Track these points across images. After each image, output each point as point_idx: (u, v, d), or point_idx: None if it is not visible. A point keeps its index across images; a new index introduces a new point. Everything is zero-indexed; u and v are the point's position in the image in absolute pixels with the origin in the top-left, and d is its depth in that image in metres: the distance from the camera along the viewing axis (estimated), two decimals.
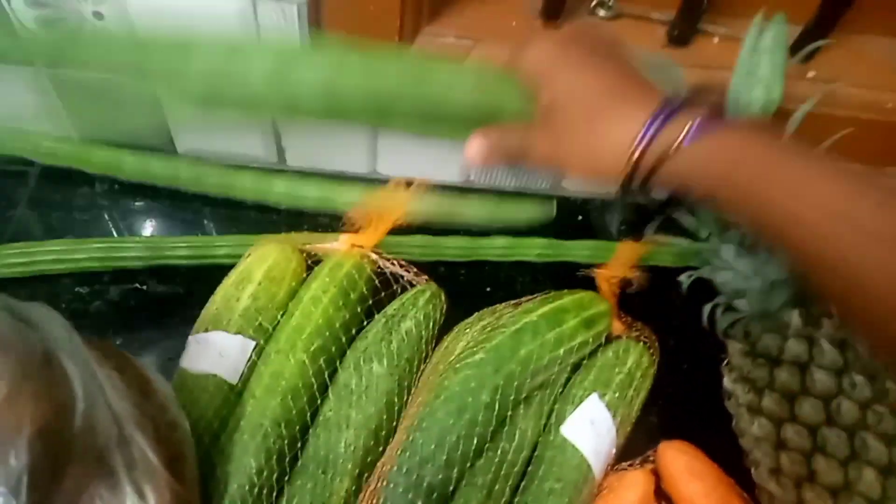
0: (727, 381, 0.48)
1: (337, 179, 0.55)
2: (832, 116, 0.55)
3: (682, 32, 0.54)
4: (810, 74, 0.55)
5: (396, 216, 0.50)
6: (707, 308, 0.51)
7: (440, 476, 0.39)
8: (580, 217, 0.61)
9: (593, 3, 0.55)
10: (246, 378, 0.43)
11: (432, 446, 0.39)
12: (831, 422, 0.41)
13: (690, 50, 0.55)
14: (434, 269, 0.53)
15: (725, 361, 0.50)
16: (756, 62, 0.46)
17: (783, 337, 0.45)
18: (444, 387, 0.42)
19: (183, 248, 0.51)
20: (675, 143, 0.34)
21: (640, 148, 0.34)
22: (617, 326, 0.51)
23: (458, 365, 0.43)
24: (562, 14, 0.54)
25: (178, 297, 0.52)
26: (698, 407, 0.52)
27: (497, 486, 0.41)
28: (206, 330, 0.45)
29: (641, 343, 0.51)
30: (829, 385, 0.42)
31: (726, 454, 0.47)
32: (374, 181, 0.56)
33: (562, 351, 0.45)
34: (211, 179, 0.53)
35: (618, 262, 0.50)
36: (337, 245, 0.51)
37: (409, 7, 0.49)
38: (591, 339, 0.47)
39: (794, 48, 0.55)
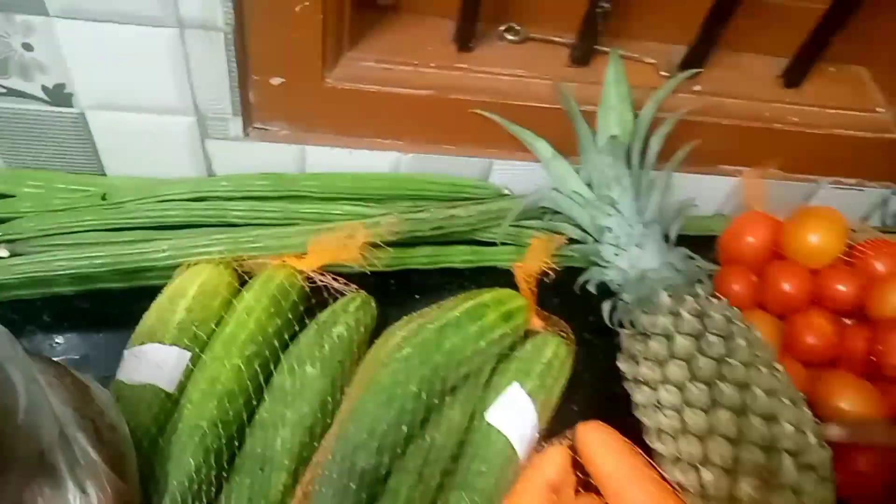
0: (620, 363, 0.53)
1: None
2: (718, 125, 0.61)
3: (583, 53, 0.60)
4: (696, 88, 0.62)
5: (341, 253, 0.52)
6: (606, 305, 0.56)
7: (372, 462, 0.41)
8: None
9: (502, 29, 0.60)
10: (182, 386, 0.45)
11: (364, 435, 0.42)
12: (694, 378, 0.46)
13: (591, 69, 0.61)
14: (365, 280, 0.56)
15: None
16: (608, 93, 0.52)
17: (655, 315, 0.50)
18: (375, 380, 0.45)
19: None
20: None
21: None
22: (537, 322, 0.56)
23: (386, 360, 0.46)
24: (473, 39, 0.58)
25: (112, 316, 0.53)
26: (614, 394, 0.56)
27: (427, 471, 0.44)
28: (142, 343, 0.46)
29: (559, 336, 0.55)
30: (690, 348, 0.47)
31: (639, 434, 0.51)
32: None
33: (483, 343, 0.48)
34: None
35: (532, 256, 0.54)
36: (270, 261, 0.53)
37: (330, 34, 0.53)
38: (510, 332, 0.50)
39: (684, 65, 0.61)
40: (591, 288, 0.56)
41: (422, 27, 0.59)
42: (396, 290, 0.59)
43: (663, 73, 0.61)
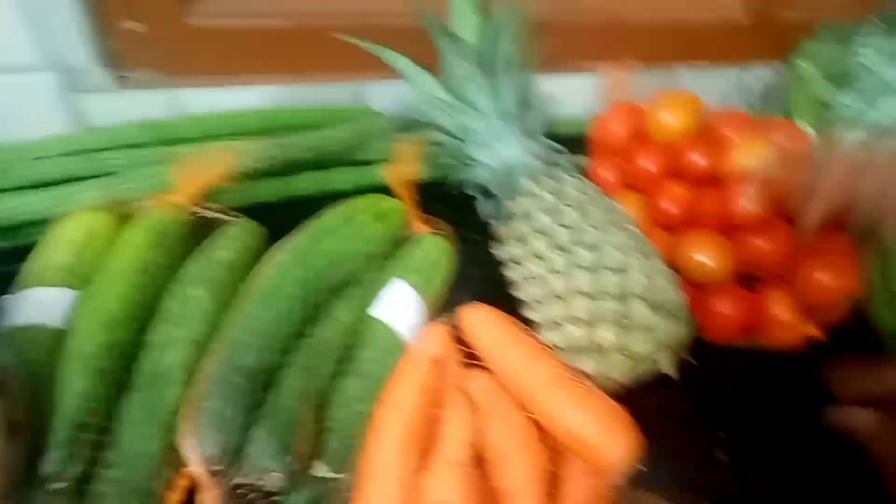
0: (494, 249, 0.57)
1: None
2: (574, 23, 0.65)
3: None
4: None
5: (211, 178, 0.54)
6: (481, 201, 0.59)
7: (254, 358, 0.44)
8: None
9: None
10: (71, 321, 0.47)
11: (246, 335, 0.45)
12: (553, 247, 0.51)
13: None
14: (252, 212, 0.58)
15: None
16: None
17: (517, 199, 0.54)
18: (255, 286, 0.47)
19: None
20: None
21: None
22: (420, 227, 0.59)
23: (266, 268, 0.48)
24: None
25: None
26: (500, 282, 0.60)
27: (316, 364, 0.47)
28: (25, 289, 0.48)
29: (439, 235, 0.58)
30: (548, 221, 0.52)
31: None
32: None
33: (358, 243, 0.51)
34: None
35: (401, 162, 0.57)
36: (152, 202, 0.55)
37: None
38: (384, 231, 0.54)
39: None
40: (469, 189, 0.60)
41: None
42: (283, 219, 0.61)
43: None
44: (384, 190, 0.62)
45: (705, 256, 0.57)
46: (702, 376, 0.56)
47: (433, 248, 0.56)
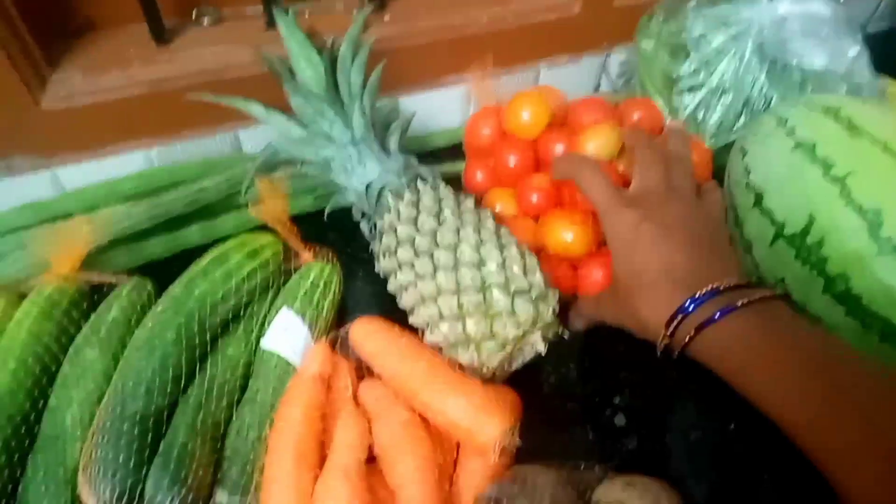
0: (377, 268, 0.60)
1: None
2: (418, 46, 0.69)
3: (272, 17, 0.66)
4: (386, 18, 0.69)
5: (82, 242, 0.57)
6: (362, 224, 0.63)
7: (142, 404, 0.47)
8: None
9: (194, 15, 0.66)
10: None
11: (131, 383, 0.48)
12: (416, 254, 0.55)
13: None
14: (148, 271, 0.61)
15: None
16: (289, 45, 0.60)
17: (383, 216, 0.59)
18: (137, 338, 0.51)
19: None
20: (691, 332, 0.42)
21: (670, 330, 0.44)
22: (305, 256, 0.62)
23: (146, 320, 0.52)
24: (166, 33, 0.64)
25: None
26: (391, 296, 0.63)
27: (208, 400, 0.50)
28: None
29: (323, 262, 0.61)
30: (409, 231, 0.56)
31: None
32: None
33: (233, 283, 0.55)
34: None
35: (267, 198, 0.60)
36: (41, 280, 0.58)
37: (22, 64, 0.57)
38: (259, 267, 0.57)
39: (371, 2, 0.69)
40: (355, 215, 0.64)
41: (120, 35, 0.64)
42: (178, 271, 0.64)
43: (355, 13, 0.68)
44: (268, 228, 0.65)
45: (565, 233, 0.60)
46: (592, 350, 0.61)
47: (319, 274, 0.60)
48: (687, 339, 0.43)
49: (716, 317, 0.42)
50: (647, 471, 0.47)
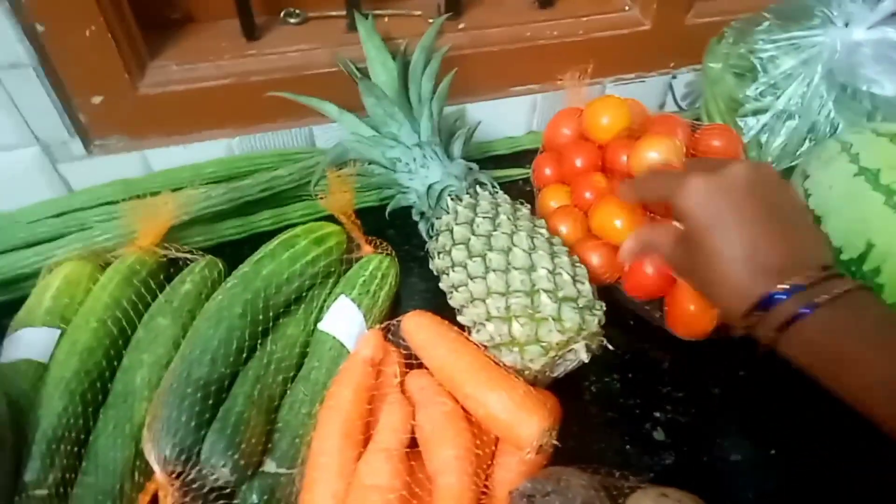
0: (431, 266, 0.62)
1: None
2: (489, 53, 0.72)
3: (355, 20, 0.70)
4: (461, 26, 0.72)
5: (167, 218, 0.62)
6: (420, 224, 0.65)
7: (206, 371, 0.50)
8: None
9: (283, 14, 0.70)
10: (53, 354, 0.54)
11: (197, 352, 0.51)
12: (470, 255, 0.57)
13: None
14: (221, 251, 0.65)
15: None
16: (367, 49, 0.63)
17: (441, 217, 0.61)
18: (206, 310, 0.54)
19: None
20: (775, 328, 0.41)
21: (751, 318, 0.42)
22: (367, 248, 0.65)
23: (216, 294, 0.55)
24: (256, 30, 0.69)
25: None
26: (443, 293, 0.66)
27: (266, 374, 0.53)
28: (16, 330, 0.56)
29: (383, 254, 0.64)
30: (465, 232, 0.58)
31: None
32: None
33: (298, 266, 0.58)
34: None
35: (334, 191, 0.63)
36: (125, 250, 0.62)
37: (127, 50, 0.63)
38: (323, 253, 0.60)
39: (447, 11, 0.72)
40: (414, 215, 0.66)
41: (214, 29, 0.69)
42: (248, 253, 0.68)
43: (430, 21, 0.71)
44: (333, 219, 0.69)
45: (618, 220, 0.62)
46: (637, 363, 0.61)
47: (377, 266, 0.63)
48: (772, 335, 0.41)
49: (801, 313, 0.39)
50: (683, 487, 0.47)
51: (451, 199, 0.61)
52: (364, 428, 0.52)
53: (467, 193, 0.61)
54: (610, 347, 0.56)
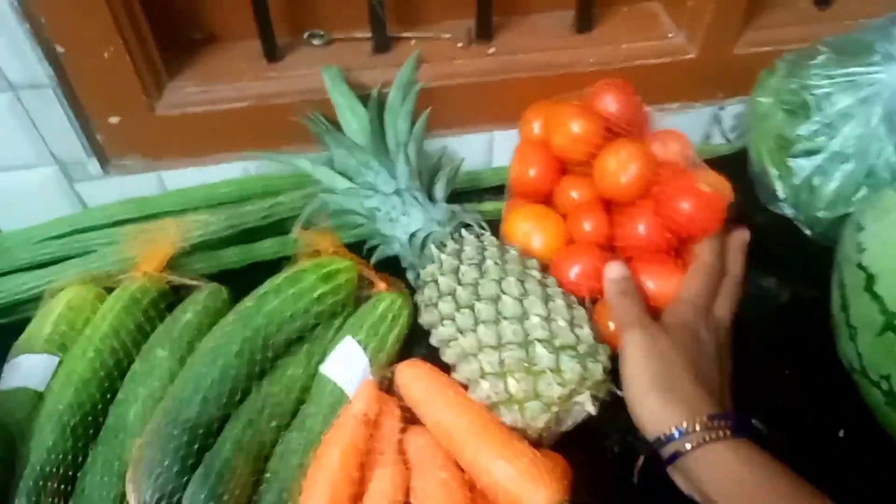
0: (419, 320, 0.59)
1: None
2: (520, 79, 0.68)
3: (381, 43, 0.67)
4: (490, 51, 0.69)
5: (168, 244, 0.60)
6: (409, 272, 0.62)
7: (197, 412, 0.48)
8: None
9: (307, 36, 0.68)
10: (49, 383, 0.53)
11: (189, 391, 0.49)
12: (458, 307, 0.53)
13: (394, 54, 0.68)
14: (229, 278, 0.63)
15: None
16: (334, 97, 0.62)
17: (426, 266, 0.58)
18: (202, 346, 0.52)
19: None
20: (681, 448, 0.44)
21: (662, 443, 0.46)
22: (381, 286, 0.62)
23: (214, 329, 0.53)
24: (279, 51, 0.67)
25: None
26: None
27: (259, 418, 0.51)
28: (16, 356, 0.54)
29: (396, 293, 0.61)
30: (451, 283, 0.54)
31: None
32: None
33: (303, 304, 0.55)
34: None
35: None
36: (129, 276, 0.61)
37: (145, 71, 0.61)
38: (332, 290, 0.57)
39: (478, 35, 0.69)
40: (403, 264, 0.63)
41: (235, 50, 0.68)
42: (252, 282, 0.65)
43: (459, 45, 0.68)
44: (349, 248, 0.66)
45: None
46: None
47: (389, 306, 0.59)
48: (665, 461, 0.46)
49: (686, 448, 0.44)
50: None
51: (436, 248, 0.58)
52: (354, 491, 0.48)
53: (452, 239, 0.58)
54: (619, 393, 0.51)
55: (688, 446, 0.44)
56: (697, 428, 0.44)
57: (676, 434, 0.44)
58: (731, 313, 0.55)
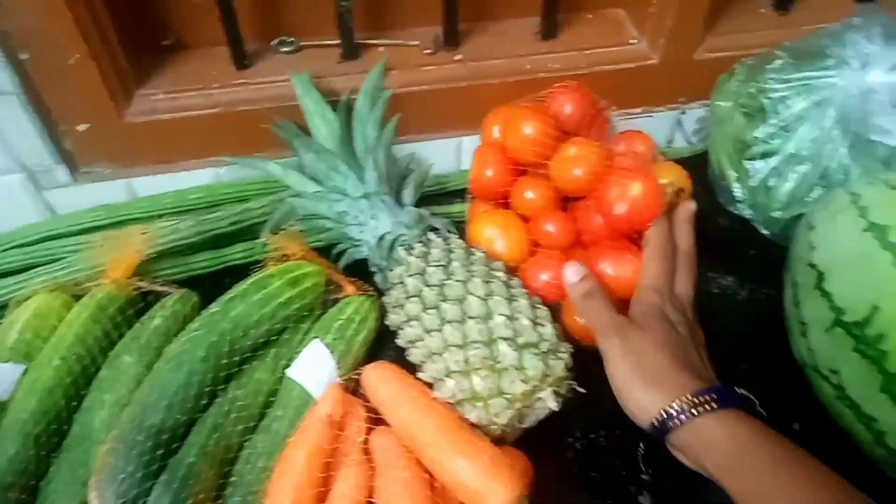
0: (386, 321, 0.60)
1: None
2: (486, 85, 0.69)
3: (349, 49, 0.68)
4: (458, 58, 0.70)
5: (135, 251, 0.60)
6: (377, 276, 0.63)
7: (162, 417, 0.48)
8: None
9: (275, 43, 0.69)
10: (13, 392, 0.53)
11: (154, 396, 0.49)
12: (425, 308, 0.54)
13: (363, 60, 0.69)
14: (199, 283, 0.64)
15: None
16: (304, 102, 0.63)
17: (394, 269, 0.59)
18: (167, 352, 0.52)
19: None
20: (674, 427, 0.46)
21: (656, 429, 0.47)
22: (349, 290, 0.62)
23: (181, 335, 0.53)
24: (247, 58, 0.67)
25: None
26: None
27: (225, 423, 0.51)
28: None
29: (364, 296, 0.62)
30: (417, 284, 0.55)
31: None
32: None
33: (270, 308, 0.55)
34: None
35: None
36: (97, 283, 0.61)
37: (112, 78, 0.62)
38: (299, 295, 0.57)
39: (445, 41, 0.70)
40: (371, 267, 0.63)
41: (204, 57, 0.68)
42: (223, 287, 0.65)
43: (427, 52, 0.69)
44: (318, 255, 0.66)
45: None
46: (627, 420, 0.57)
47: (356, 310, 0.59)
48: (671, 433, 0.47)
49: (678, 425, 0.46)
50: None
51: (403, 250, 0.59)
52: (318, 493, 0.48)
53: (419, 242, 0.59)
54: (581, 391, 0.52)
55: (678, 424, 0.45)
56: (684, 406, 0.45)
57: (666, 417, 0.46)
58: (691, 286, 0.56)
